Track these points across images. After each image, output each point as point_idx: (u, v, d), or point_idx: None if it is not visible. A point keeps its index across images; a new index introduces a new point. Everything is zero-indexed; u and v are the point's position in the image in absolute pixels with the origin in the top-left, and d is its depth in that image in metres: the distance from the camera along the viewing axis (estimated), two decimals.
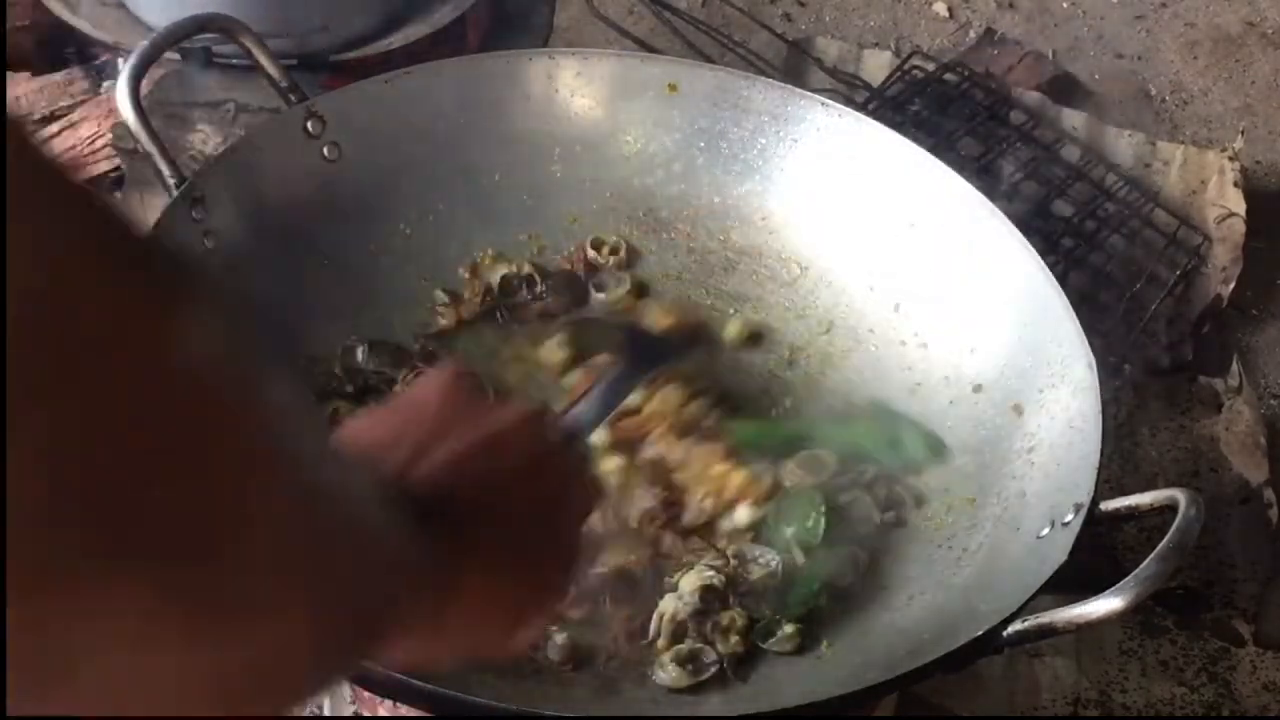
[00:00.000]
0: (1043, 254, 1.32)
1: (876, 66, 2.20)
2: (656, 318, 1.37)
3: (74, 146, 1.71)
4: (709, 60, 2.03)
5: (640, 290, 1.44)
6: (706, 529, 1.24)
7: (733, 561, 1.21)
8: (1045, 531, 1.14)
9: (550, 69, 1.46)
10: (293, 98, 1.37)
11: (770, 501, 1.25)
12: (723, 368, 1.36)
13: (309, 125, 1.36)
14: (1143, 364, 1.84)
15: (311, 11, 1.67)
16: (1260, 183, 2.17)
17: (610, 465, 1.27)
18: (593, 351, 1.36)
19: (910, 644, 1.14)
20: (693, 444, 1.28)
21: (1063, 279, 1.30)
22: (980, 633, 1.04)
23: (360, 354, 1.34)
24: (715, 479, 1.26)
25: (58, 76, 1.79)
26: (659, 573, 1.21)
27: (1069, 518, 1.12)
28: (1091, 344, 1.24)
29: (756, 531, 1.24)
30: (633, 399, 1.30)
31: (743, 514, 1.24)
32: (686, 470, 1.27)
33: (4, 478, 0.33)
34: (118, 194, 1.71)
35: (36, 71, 1.81)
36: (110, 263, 0.37)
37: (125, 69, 1.26)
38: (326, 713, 1.45)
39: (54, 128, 1.72)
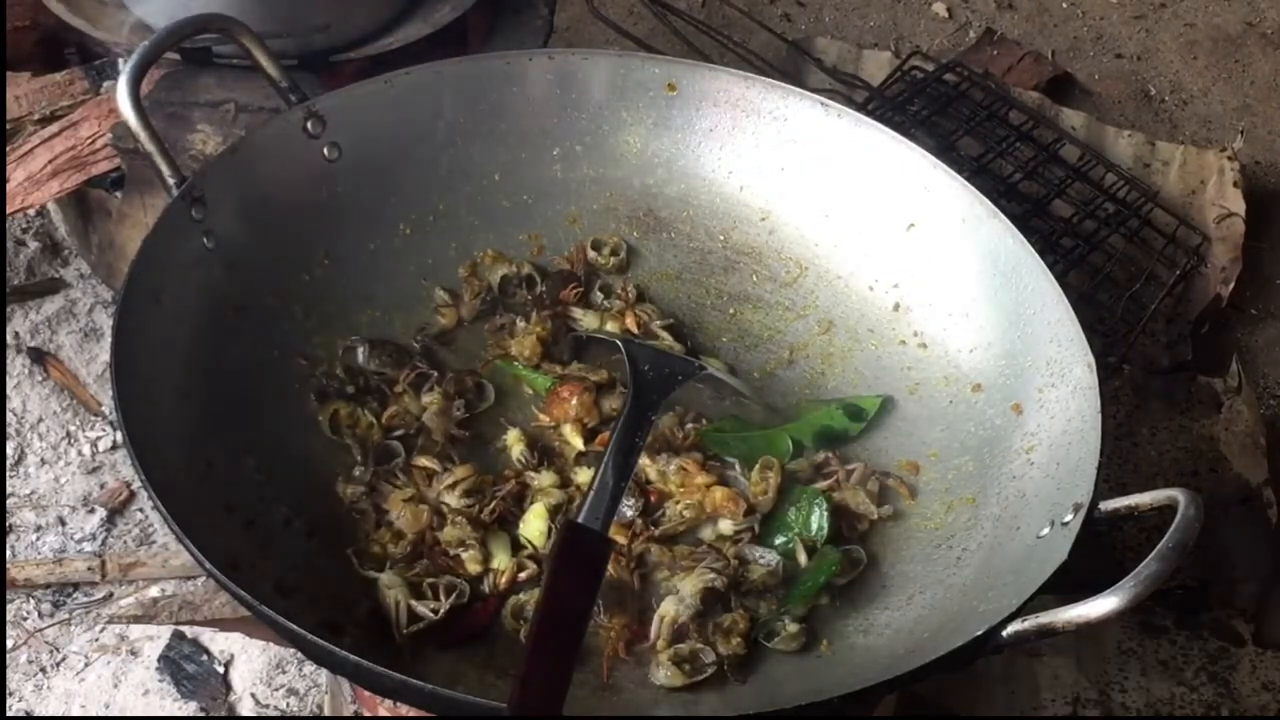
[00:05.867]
0: (1042, 254, 1.32)
1: (876, 66, 2.20)
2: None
3: (74, 146, 1.71)
4: (709, 60, 2.04)
5: (640, 291, 1.45)
6: (688, 535, 1.25)
7: (734, 563, 1.21)
8: (1045, 531, 1.14)
9: (550, 69, 1.46)
10: (293, 98, 1.37)
11: (753, 514, 1.25)
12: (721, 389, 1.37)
13: (309, 125, 1.37)
14: (1143, 364, 1.84)
15: (312, 11, 1.66)
16: (1260, 183, 2.17)
17: (583, 477, 1.27)
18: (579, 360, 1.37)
19: (910, 644, 1.14)
20: (670, 455, 1.28)
21: (1062, 279, 1.30)
22: (980, 633, 1.04)
23: (360, 354, 1.35)
24: (695, 491, 1.26)
25: (58, 76, 1.79)
26: (649, 580, 1.21)
27: (1069, 518, 1.12)
28: (1091, 344, 1.24)
29: (757, 532, 1.25)
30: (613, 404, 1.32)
31: (725, 525, 1.25)
32: (665, 481, 1.27)
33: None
34: (117, 194, 1.71)
35: (36, 71, 1.80)
36: None
37: (125, 69, 1.26)
38: (326, 712, 1.46)
39: (54, 128, 1.72)
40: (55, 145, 1.71)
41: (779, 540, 1.25)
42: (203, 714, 1.48)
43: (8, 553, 1.60)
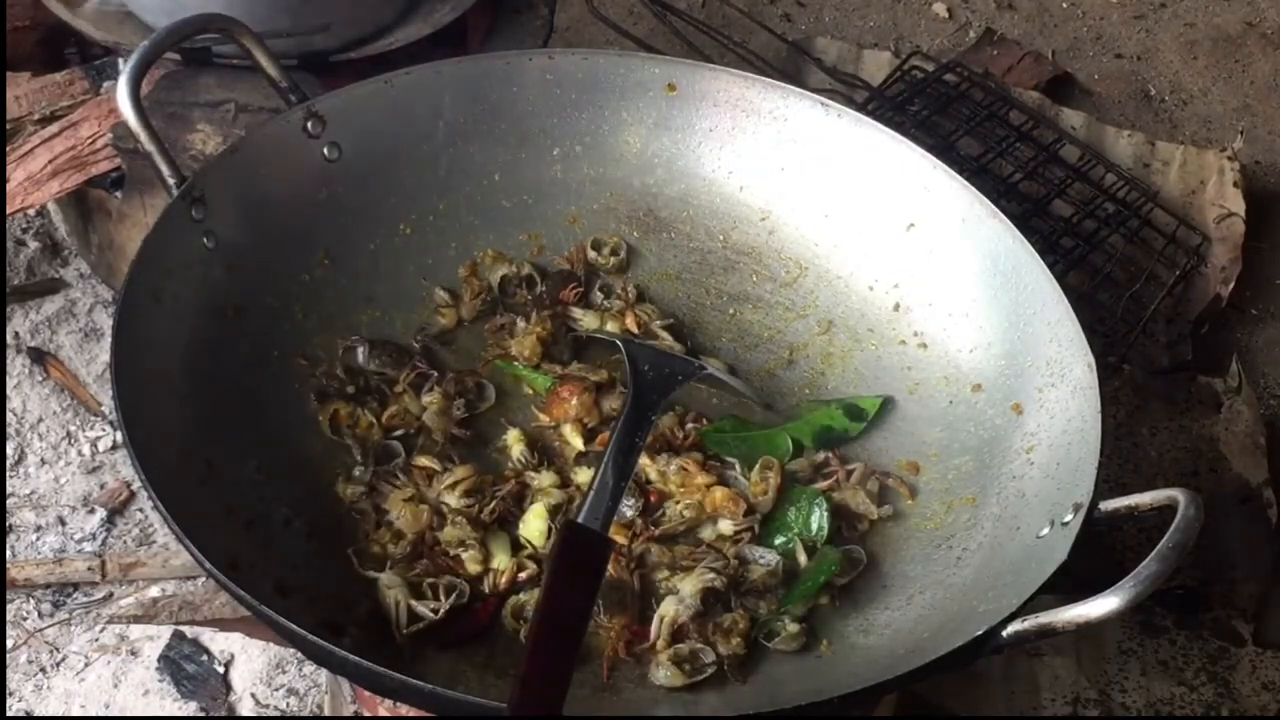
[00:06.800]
0: (1042, 254, 1.32)
1: (876, 66, 2.20)
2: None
3: (74, 146, 1.71)
4: (709, 60, 2.04)
5: (640, 291, 1.45)
6: (688, 535, 1.25)
7: (734, 563, 1.21)
8: (1045, 531, 1.14)
9: (550, 69, 1.46)
10: (293, 98, 1.37)
11: (753, 514, 1.25)
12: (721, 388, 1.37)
13: (309, 125, 1.37)
14: (1143, 364, 1.84)
15: (312, 11, 1.67)
16: (1260, 183, 2.17)
17: (583, 477, 1.27)
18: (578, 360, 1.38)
19: (910, 644, 1.14)
20: (670, 455, 1.28)
21: (1062, 279, 1.30)
22: (980, 633, 1.04)
23: (360, 354, 1.35)
24: (695, 491, 1.26)
25: (58, 76, 1.79)
26: (649, 580, 1.21)
27: (1069, 518, 1.12)
28: (1091, 344, 1.24)
29: (757, 532, 1.25)
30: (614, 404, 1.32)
31: (725, 525, 1.25)
32: (665, 481, 1.27)
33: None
34: (117, 194, 1.71)
35: (36, 71, 1.81)
36: None
37: (125, 69, 1.26)
38: (327, 712, 1.46)
39: (54, 128, 1.72)
40: (55, 145, 1.71)
41: (779, 540, 1.25)
42: (203, 714, 1.48)
43: (8, 553, 1.60)
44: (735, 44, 2.21)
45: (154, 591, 1.57)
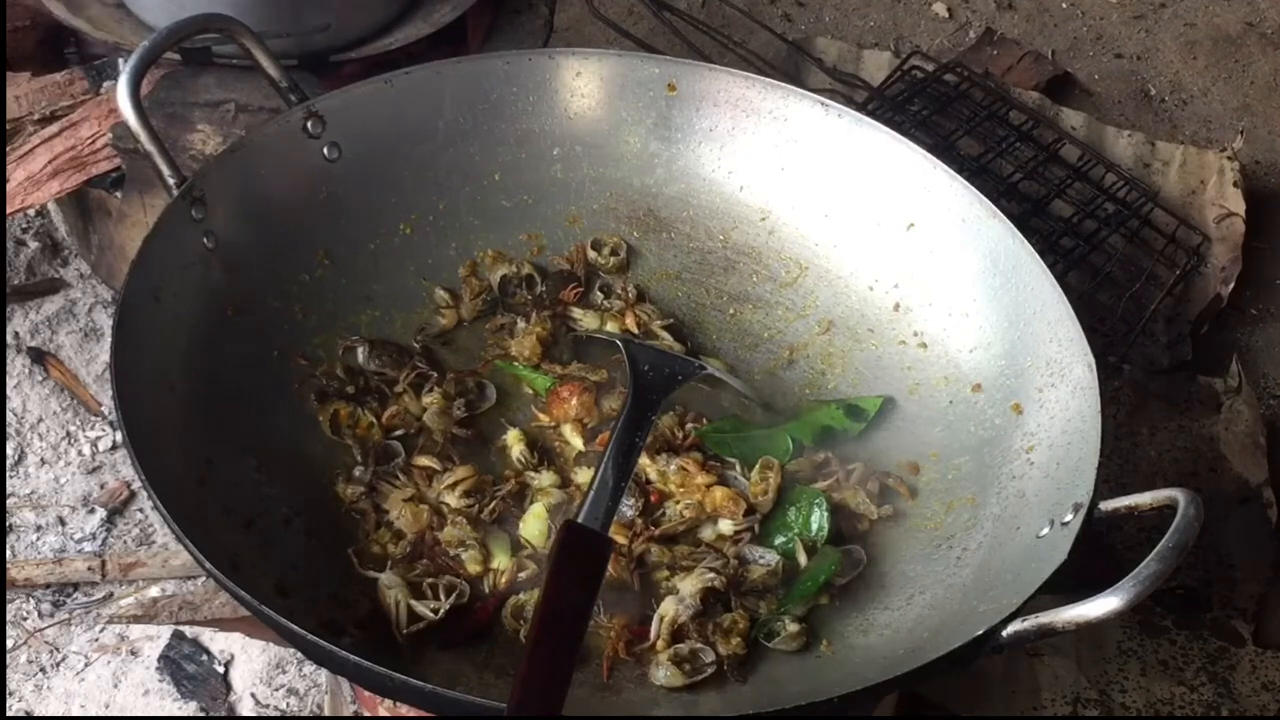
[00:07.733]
0: (1042, 254, 1.32)
1: (876, 66, 2.20)
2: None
3: (74, 146, 1.71)
4: (709, 60, 2.04)
5: (640, 291, 1.45)
6: (688, 535, 1.25)
7: (734, 563, 1.21)
8: (1045, 531, 1.14)
9: (550, 69, 1.46)
10: (293, 98, 1.37)
11: (753, 514, 1.25)
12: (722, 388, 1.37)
13: (309, 125, 1.37)
14: (1143, 364, 1.84)
15: (312, 11, 1.67)
16: (1260, 183, 2.17)
17: (583, 477, 1.27)
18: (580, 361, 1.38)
19: (910, 644, 1.14)
20: (670, 455, 1.28)
21: (1062, 279, 1.30)
22: (980, 633, 1.04)
23: (360, 354, 1.35)
24: (695, 491, 1.26)
25: (58, 76, 1.79)
26: (649, 580, 1.21)
27: (1069, 517, 1.12)
28: (1091, 344, 1.24)
29: (757, 532, 1.25)
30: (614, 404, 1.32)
31: (725, 525, 1.25)
32: (665, 481, 1.27)
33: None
34: (117, 194, 1.71)
35: (36, 71, 1.81)
36: None
37: (125, 69, 1.26)
38: (327, 712, 1.46)
39: (54, 128, 1.72)
40: (55, 145, 1.71)
41: (779, 540, 1.25)
42: (203, 714, 1.48)
43: (8, 553, 1.60)
44: (735, 44, 2.21)
45: (154, 591, 1.57)
